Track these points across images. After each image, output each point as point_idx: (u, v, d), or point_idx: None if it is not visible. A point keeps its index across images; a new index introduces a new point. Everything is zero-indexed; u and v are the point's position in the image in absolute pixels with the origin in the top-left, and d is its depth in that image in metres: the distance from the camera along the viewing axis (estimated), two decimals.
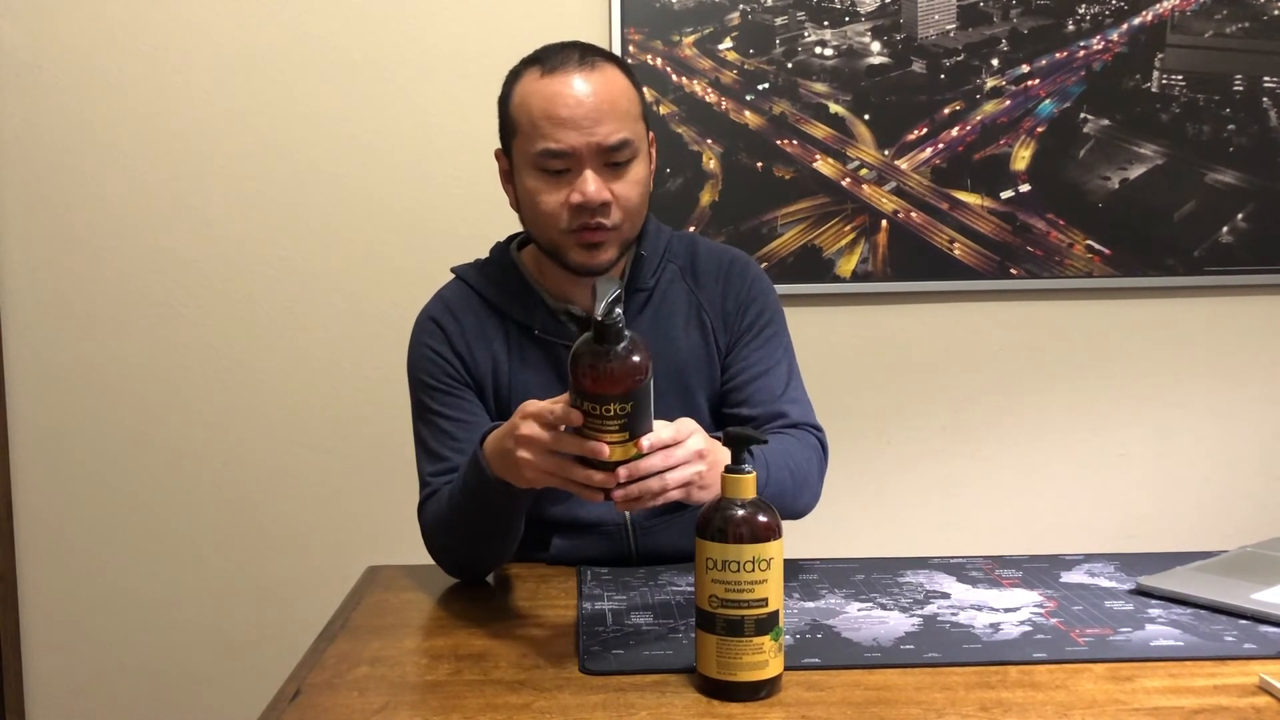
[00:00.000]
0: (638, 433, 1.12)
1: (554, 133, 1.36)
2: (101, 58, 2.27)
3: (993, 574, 1.45)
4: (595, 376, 1.10)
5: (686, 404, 1.49)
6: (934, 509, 2.43)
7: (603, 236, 1.39)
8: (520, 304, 1.49)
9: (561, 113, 1.36)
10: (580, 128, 1.36)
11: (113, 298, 2.32)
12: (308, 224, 2.32)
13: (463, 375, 1.48)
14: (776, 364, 1.51)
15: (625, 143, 1.38)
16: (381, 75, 2.30)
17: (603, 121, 1.36)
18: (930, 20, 2.33)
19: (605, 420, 1.11)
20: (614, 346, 1.10)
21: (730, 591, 1.08)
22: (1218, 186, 2.38)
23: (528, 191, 1.41)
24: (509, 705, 1.09)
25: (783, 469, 1.40)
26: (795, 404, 1.50)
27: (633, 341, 1.11)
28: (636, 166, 1.41)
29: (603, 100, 1.37)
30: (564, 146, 1.36)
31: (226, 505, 2.36)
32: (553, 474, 1.17)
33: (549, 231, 1.41)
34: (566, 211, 1.38)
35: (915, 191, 2.35)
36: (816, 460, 1.48)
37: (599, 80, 1.38)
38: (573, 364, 1.11)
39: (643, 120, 1.43)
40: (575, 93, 1.36)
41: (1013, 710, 1.06)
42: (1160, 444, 2.45)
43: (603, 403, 1.10)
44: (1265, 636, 1.22)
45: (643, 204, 1.43)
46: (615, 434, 1.12)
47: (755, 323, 1.52)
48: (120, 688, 2.38)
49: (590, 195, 1.36)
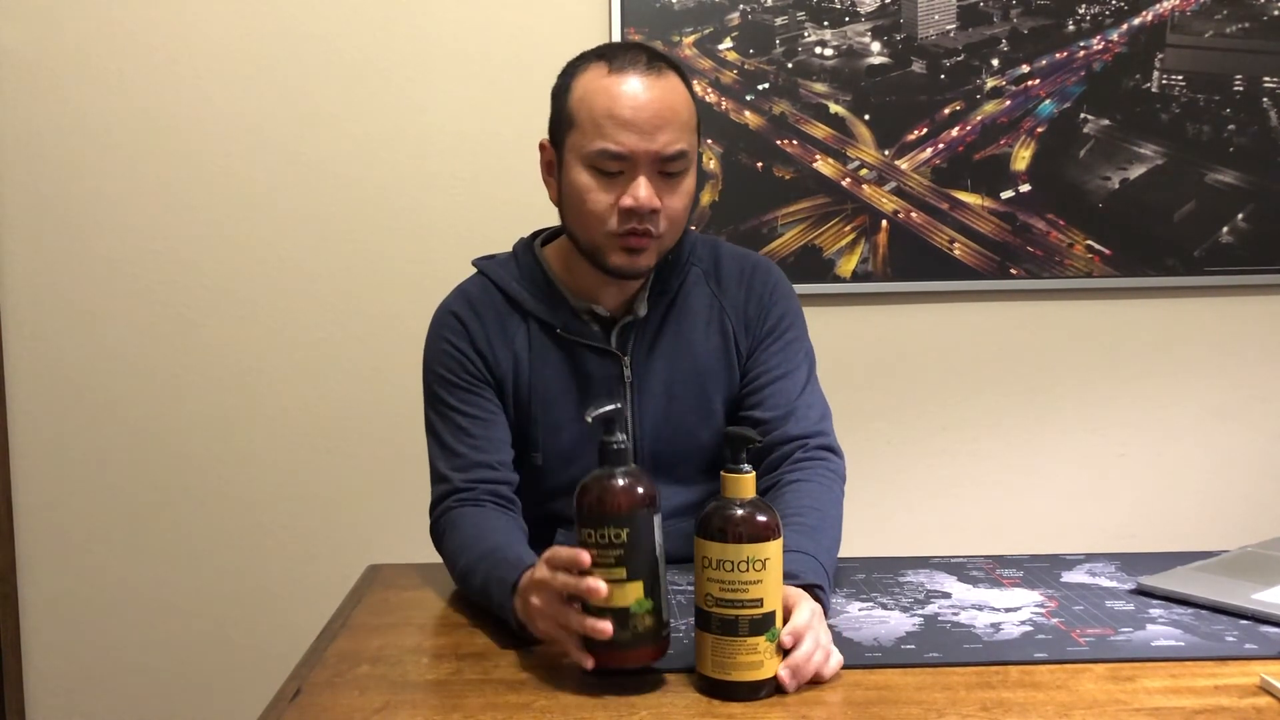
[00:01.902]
0: (638, 574, 1.08)
1: (615, 134, 1.34)
2: (101, 58, 2.27)
3: (993, 574, 1.45)
4: (597, 496, 1.09)
5: (704, 407, 1.48)
6: (934, 509, 2.43)
7: (646, 243, 1.38)
8: (543, 301, 1.47)
9: (625, 114, 1.34)
10: (642, 132, 1.34)
11: (113, 298, 2.32)
12: (307, 224, 2.32)
13: (482, 373, 1.46)
14: (795, 369, 1.50)
15: (682, 154, 1.36)
16: (382, 75, 2.30)
17: (664, 129, 1.34)
18: (930, 20, 2.33)
19: (604, 551, 1.08)
20: (614, 468, 1.10)
21: (725, 591, 1.08)
22: (1218, 186, 2.38)
23: (576, 188, 1.38)
24: (509, 704, 1.09)
25: (834, 544, 1.37)
26: (810, 409, 1.48)
27: (635, 471, 1.11)
28: (688, 179, 1.39)
29: (665, 108, 1.35)
30: (623, 149, 1.34)
31: (227, 504, 2.36)
32: (554, 620, 1.13)
33: (592, 231, 1.39)
34: (615, 214, 1.36)
35: (915, 191, 2.35)
36: (840, 498, 1.44)
37: (664, 87, 1.36)
38: (578, 495, 1.11)
39: (696, 132, 1.42)
40: (641, 96, 1.34)
41: (1013, 710, 1.06)
42: (1160, 444, 2.45)
43: (598, 527, 1.08)
44: (1266, 636, 1.22)
45: (686, 216, 1.42)
46: (614, 568, 1.08)
47: (776, 327, 1.51)
48: (120, 688, 2.38)
49: (642, 201, 1.34)
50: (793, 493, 1.38)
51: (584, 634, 1.10)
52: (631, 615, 1.08)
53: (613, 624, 1.08)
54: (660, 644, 1.11)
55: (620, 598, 1.08)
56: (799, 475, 1.41)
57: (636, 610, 1.08)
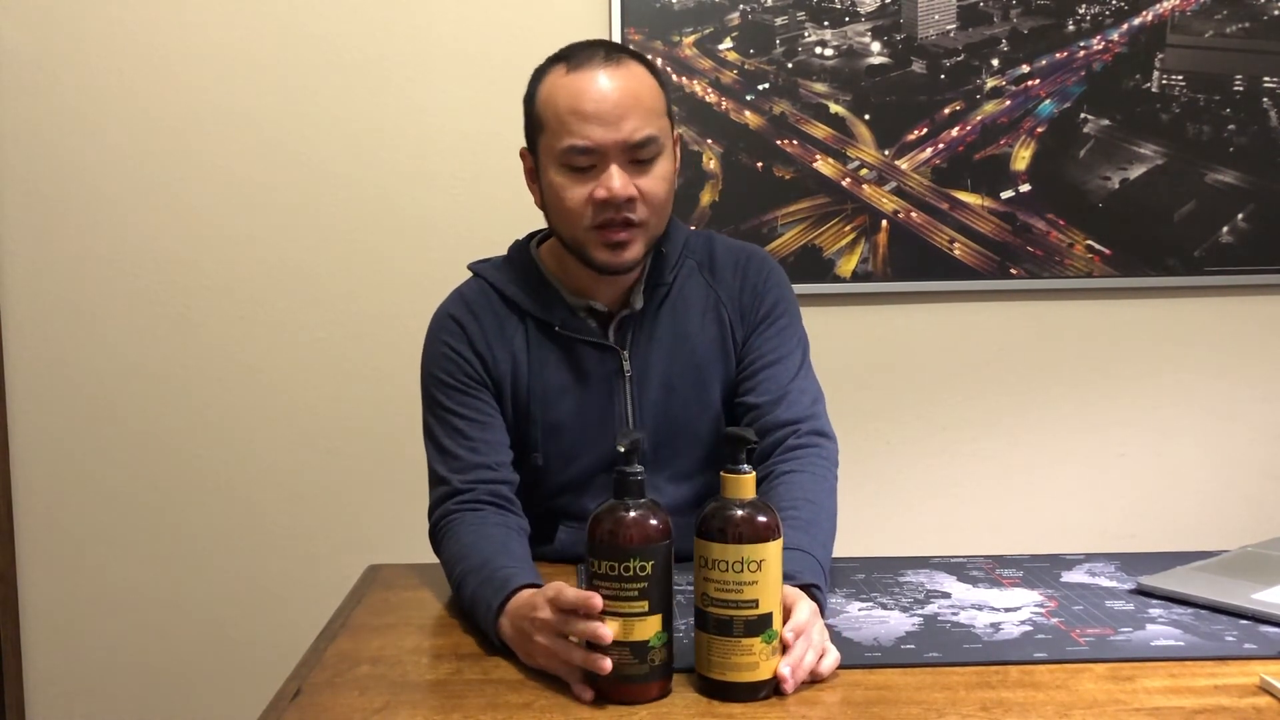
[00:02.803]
0: (658, 607, 1.07)
1: (580, 129, 1.36)
2: (101, 58, 2.27)
3: (993, 573, 1.45)
4: (619, 529, 1.07)
5: (702, 399, 1.50)
6: (934, 509, 2.43)
7: (627, 234, 1.39)
8: (539, 300, 1.48)
9: (587, 108, 1.36)
10: (606, 123, 1.35)
11: (113, 298, 2.32)
12: (307, 224, 2.32)
13: (480, 374, 1.47)
14: (789, 354, 1.50)
15: (651, 139, 1.37)
16: (382, 75, 2.30)
17: (628, 117, 1.36)
18: (930, 20, 2.33)
19: (626, 584, 1.06)
20: (632, 499, 1.09)
21: (720, 591, 1.07)
22: (1218, 186, 2.38)
23: (553, 188, 1.40)
24: (510, 704, 1.09)
25: (829, 536, 1.37)
26: (803, 394, 1.48)
27: (653, 503, 1.10)
28: (662, 163, 1.40)
29: (628, 96, 1.36)
30: (590, 143, 1.36)
31: (227, 505, 2.36)
32: (556, 657, 1.12)
33: (573, 228, 1.40)
34: (591, 207, 1.38)
35: (915, 191, 2.35)
36: (834, 486, 1.44)
37: (624, 76, 1.38)
38: (592, 525, 1.09)
39: (667, 117, 1.43)
40: (601, 89, 1.36)
41: (1013, 710, 1.06)
42: (1160, 444, 2.45)
43: (621, 559, 1.06)
44: (1265, 636, 1.22)
45: (668, 201, 1.43)
46: (636, 601, 1.06)
47: (770, 313, 1.51)
48: (120, 688, 2.38)
49: (616, 191, 1.36)
50: (786, 484, 1.38)
51: (588, 669, 1.09)
52: (650, 648, 1.08)
53: (631, 657, 1.07)
54: (670, 676, 1.11)
55: (641, 631, 1.07)
56: (792, 465, 1.41)
57: (655, 644, 1.08)
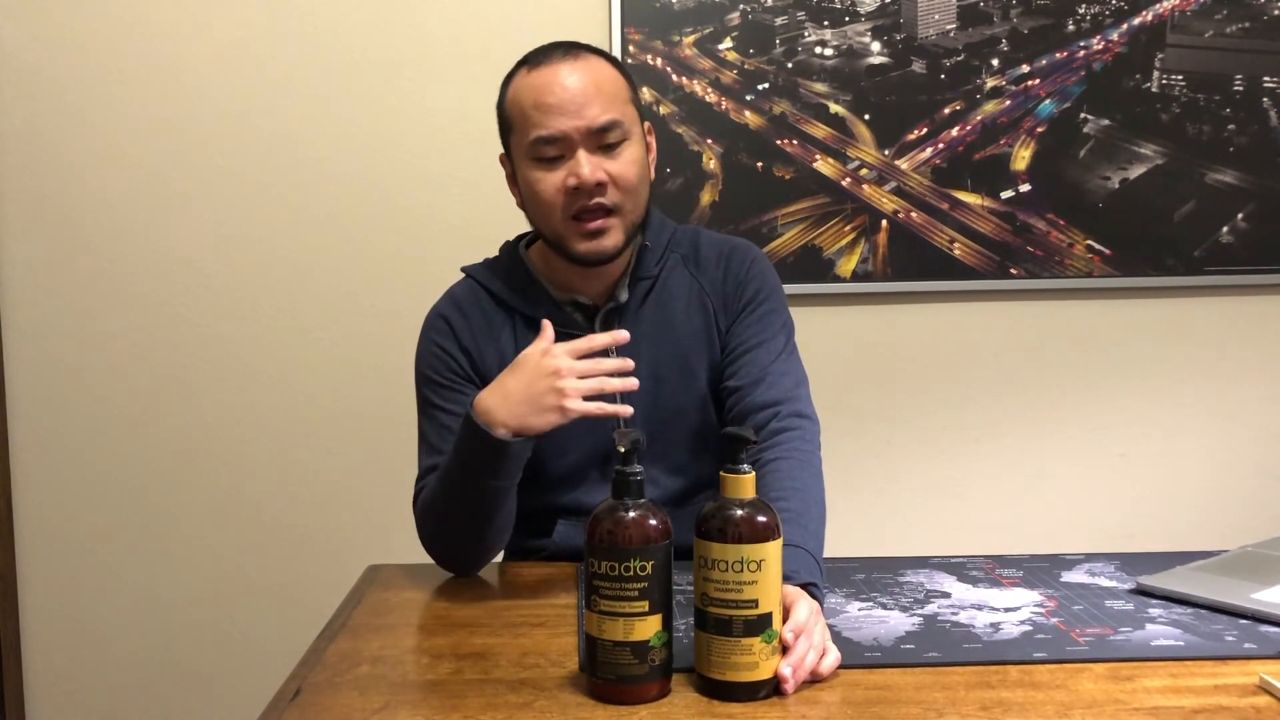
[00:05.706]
0: (658, 607, 1.07)
1: (544, 120, 1.40)
2: (101, 58, 2.27)
3: (993, 573, 1.45)
4: (619, 529, 1.07)
5: (688, 384, 1.51)
6: (934, 509, 2.43)
7: (604, 221, 1.42)
8: (526, 297, 1.52)
9: (549, 100, 1.40)
10: (568, 112, 1.40)
11: (113, 297, 2.32)
12: (307, 223, 2.32)
13: (467, 371, 1.50)
14: (770, 338, 1.51)
15: (614, 123, 1.41)
16: (382, 75, 2.30)
17: (590, 104, 1.40)
18: (930, 20, 2.33)
19: (626, 584, 1.07)
20: (632, 499, 1.09)
21: (719, 591, 1.07)
22: (1218, 186, 2.38)
23: (528, 184, 1.44)
24: (510, 704, 1.09)
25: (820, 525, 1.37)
26: (784, 377, 1.48)
27: (651, 504, 1.10)
28: (630, 147, 1.43)
29: (588, 84, 1.41)
30: (554, 132, 1.40)
31: (227, 505, 2.36)
32: (590, 382, 1.30)
33: (551, 221, 1.44)
34: (564, 196, 1.41)
35: (915, 191, 2.35)
36: (819, 468, 1.44)
37: (583, 67, 1.42)
38: (591, 526, 1.09)
39: (633, 105, 1.46)
40: (561, 80, 1.41)
41: (1013, 710, 1.06)
42: (1160, 444, 2.45)
43: (622, 559, 1.07)
44: (1265, 636, 1.22)
45: (642, 185, 1.45)
46: (637, 601, 1.07)
47: (752, 300, 1.53)
48: (120, 688, 2.38)
49: (585, 177, 1.40)
50: (772, 474, 1.38)
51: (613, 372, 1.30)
52: (650, 648, 1.08)
53: (631, 657, 1.07)
54: (670, 676, 1.11)
55: (641, 631, 1.07)
56: (775, 454, 1.41)
57: (655, 643, 1.08)
